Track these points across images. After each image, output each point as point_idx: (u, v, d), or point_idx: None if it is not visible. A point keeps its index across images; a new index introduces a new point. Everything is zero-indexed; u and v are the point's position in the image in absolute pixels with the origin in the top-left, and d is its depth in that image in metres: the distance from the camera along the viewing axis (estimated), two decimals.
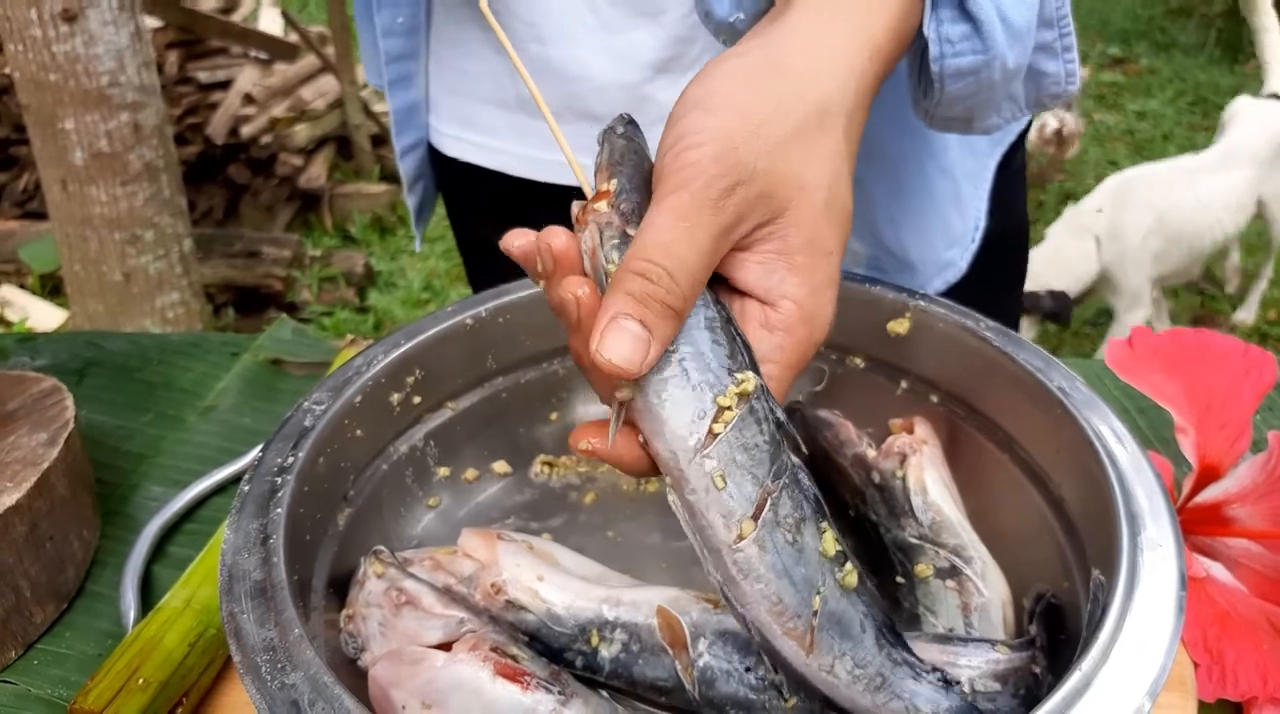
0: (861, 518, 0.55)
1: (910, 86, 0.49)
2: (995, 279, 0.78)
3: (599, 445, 0.40)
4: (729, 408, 0.38)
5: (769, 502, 0.38)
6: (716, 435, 0.37)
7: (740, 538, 0.37)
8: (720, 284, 0.41)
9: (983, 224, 0.75)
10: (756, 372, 0.39)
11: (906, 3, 0.44)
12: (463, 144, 0.79)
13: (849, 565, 0.40)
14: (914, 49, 0.47)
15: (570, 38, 0.69)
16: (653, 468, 0.40)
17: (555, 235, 0.39)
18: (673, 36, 0.67)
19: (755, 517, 0.38)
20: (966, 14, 0.45)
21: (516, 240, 0.41)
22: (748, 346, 0.39)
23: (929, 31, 0.45)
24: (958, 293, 0.75)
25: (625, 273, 0.37)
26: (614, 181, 0.40)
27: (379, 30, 0.75)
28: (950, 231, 0.74)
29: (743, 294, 0.41)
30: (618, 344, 0.36)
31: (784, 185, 0.39)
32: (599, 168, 0.42)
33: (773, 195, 0.39)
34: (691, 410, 0.38)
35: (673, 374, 0.38)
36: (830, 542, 0.39)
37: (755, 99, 0.40)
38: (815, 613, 0.38)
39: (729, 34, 0.52)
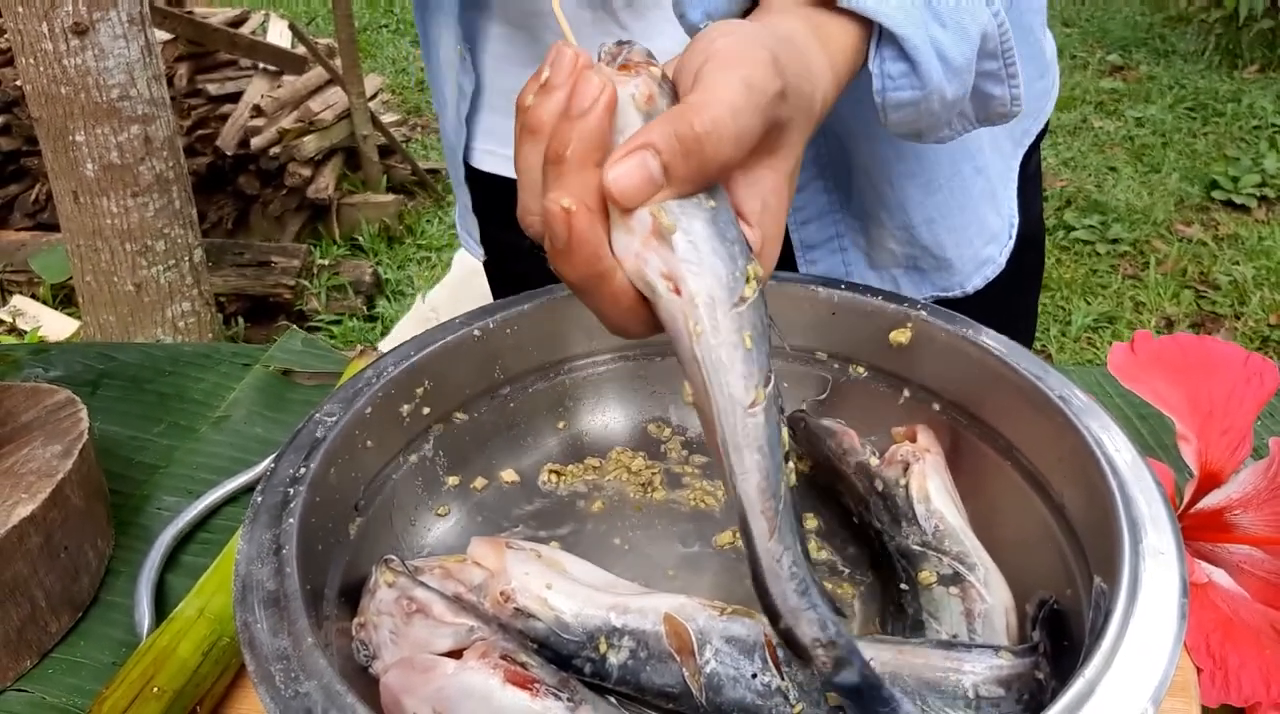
0: (865, 525, 0.55)
1: None
2: (1019, 280, 0.80)
3: (584, 224, 0.36)
4: (751, 281, 0.38)
5: (771, 379, 0.39)
6: (746, 299, 0.38)
7: (755, 403, 0.38)
8: None
9: (1017, 221, 0.76)
10: None
11: (856, 40, 0.47)
12: (492, 157, 0.81)
13: (790, 465, 0.40)
14: (863, 76, 0.50)
15: (593, 48, 0.70)
16: (643, 321, 0.39)
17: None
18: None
19: (765, 386, 0.38)
20: (905, 55, 0.47)
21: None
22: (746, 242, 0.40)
23: (873, 67, 0.48)
24: (988, 294, 0.76)
25: (684, 116, 0.36)
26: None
27: (459, 69, 0.77)
28: (987, 228, 0.75)
29: None
30: (629, 175, 0.36)
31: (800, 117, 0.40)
32: (632, 53, 0.40)
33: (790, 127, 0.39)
34: (728, 266, 0.38)
35: (714, 223, 0.38)
36: (786, 437, 0.40)
37: (767, 36, 0.40)
38: (780, 499, 0.39)
39: None
